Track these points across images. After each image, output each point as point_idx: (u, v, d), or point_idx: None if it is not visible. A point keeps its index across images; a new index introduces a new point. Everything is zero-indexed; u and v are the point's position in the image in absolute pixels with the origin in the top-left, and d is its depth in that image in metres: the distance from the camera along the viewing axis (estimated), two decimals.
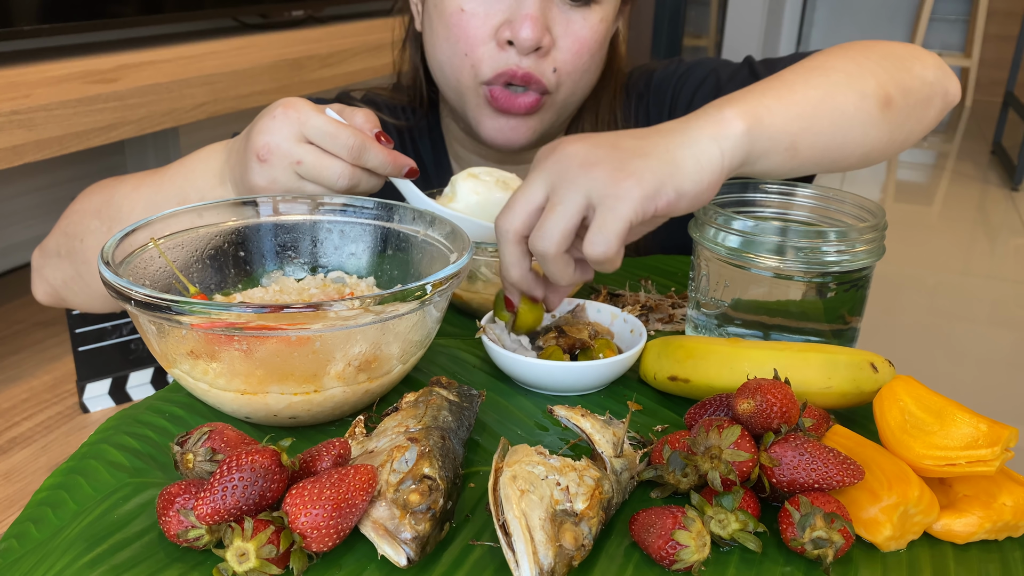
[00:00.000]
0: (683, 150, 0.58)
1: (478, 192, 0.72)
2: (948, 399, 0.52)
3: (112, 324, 1.08)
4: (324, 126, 0.66)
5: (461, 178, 0.73)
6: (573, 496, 0.45)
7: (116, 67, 1.19)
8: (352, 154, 0.66)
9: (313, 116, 0.66)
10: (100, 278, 0.54)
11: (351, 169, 0.67)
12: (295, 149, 0.66)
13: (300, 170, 0.67)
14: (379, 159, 0.68)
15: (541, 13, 0.80)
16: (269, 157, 0.66)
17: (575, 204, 0.56)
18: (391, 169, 0.68)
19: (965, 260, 2.88)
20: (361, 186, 0.69)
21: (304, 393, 0.54)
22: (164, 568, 0.44)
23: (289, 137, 0.66)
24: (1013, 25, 5.11)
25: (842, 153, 0.68)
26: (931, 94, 0.74)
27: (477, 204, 0.72)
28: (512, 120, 0.86)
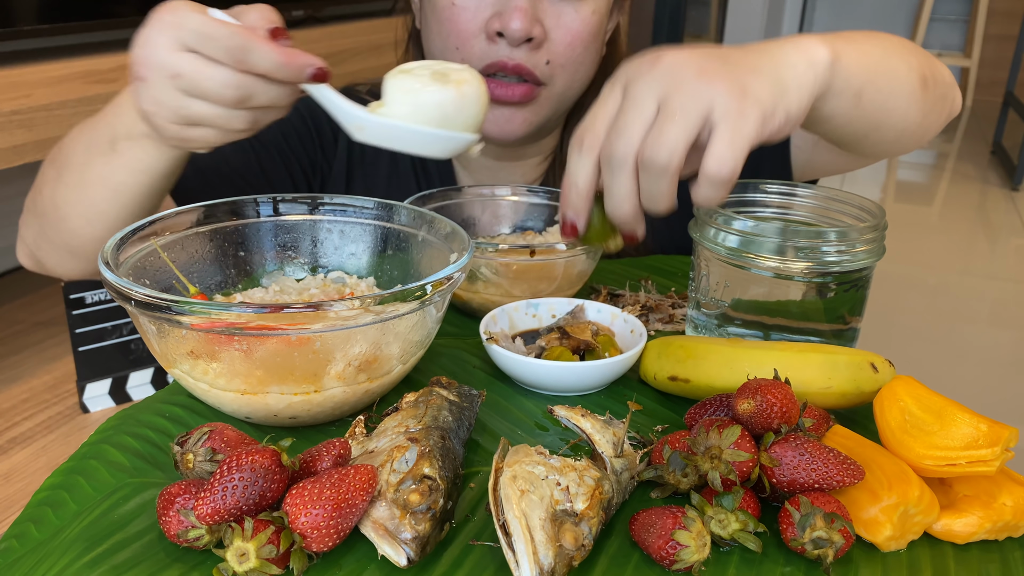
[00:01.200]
0: (787, 70, 0.57)
1: (412, 90, 0.59)
2: (948, 399, 0.52)
3: (112, 324, 1.08)
4: (202, 27, 0.56)
5: (391, 75, 0.61)
6: (573, 496, 0.45)
7: (116, 67, 1.19)
8: (234, 56, 0.56)
9: (190, 18, 0.56)
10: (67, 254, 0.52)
11: (238, 76, 0.57)
12: (171, 59, 0.57)
13: (179, 84, 0.57)
14: (269, 59, 0.57)
15: (531, 5, 0.80)
16: (145, 73, 0.58)
17: (698, 114, 0.52)
18: (287, 71, 0.57)
19: (965, 260, 2.88)
20: (257, 97, 0.58)
21: (304, 393, 0.54)
22: (164, 568, 0.44)
23: (164, 46, 0.57)
24: (1013, 25, 5.11)
25: (888, 119, 0.69)
26: (949, 94, 0.75)
27: (411, 107, 0.60)
28: (506, 110, 0.85)
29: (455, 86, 0.59)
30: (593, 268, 0.78)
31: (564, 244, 0.69)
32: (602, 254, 0.78)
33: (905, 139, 0.73)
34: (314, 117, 0.95)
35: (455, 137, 0.60)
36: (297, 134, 0.94)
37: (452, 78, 0.60)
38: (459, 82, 0.60)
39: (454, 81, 0.60)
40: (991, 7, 5.26)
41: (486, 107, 0.62)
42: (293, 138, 0.93)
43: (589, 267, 0.77)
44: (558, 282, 0.74)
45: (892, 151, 0.75)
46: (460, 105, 0.60)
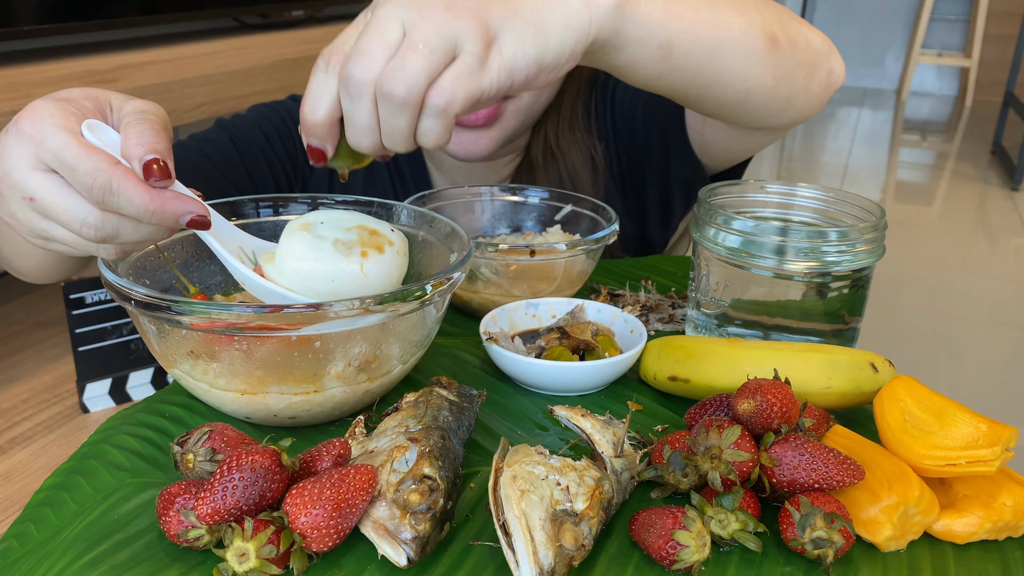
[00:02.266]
0: (555, 10, 0.53)
1: (304, 257, 0.53)
2: (948, 399, 0.52)
3: (112, 324, 1.08)
4: (63, 153, 0.48)
5: (291, 229, 0.54)
6: (573, 496, 0.45)
7: (116, 67, 1.19)
8: (94, 197, 0.48)
9: (52, 136, 0.49)
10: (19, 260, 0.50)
11: (99, 216, 0.49)
12: (27, 180, 0.50)
13: (35, 208, 0.50)
14: (135, 204, 0.48)
15: None
16: (2, 188, 0.51)
17: (443, 50, 0.49)
18: (156, 218, 0.49)
19: (965, 260, 2.88)
20: (124, 236, 0.51)
21: (304, 393, 0.54)
22: (164, 568, 0.44)
23: (22, 162, 0.50)
24: (1013, 25, 5.11)
25: (719, 77, 0.65)
26: (816, 60, 0.70)
27: (299, 276, 0.53)
28: (472, 133, 0.85)
29: (358, 265, 0.53)
30: (593, 268, 0.78)
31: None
32: (601, 254, 0.78)
33: (756, 97, 0.68)
34: (293, 119, 0.96)
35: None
36: (279, 136, 0.94)
37: (358, 250, 0.53)
38: (365, 256, 0.53)
39: (359, 255, 0.53)
40: (991, 7, 5.26)
41: (402, 275, 0.56)
42: (276, 140, 0.94)
43: (589, 267, 0.77)
44: (558, 282, 0.74)
45: (743, 107, 0.69)
46: (360, 284, 0.53)
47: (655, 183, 0.97)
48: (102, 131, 0.52)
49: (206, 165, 0.87)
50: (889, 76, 5.99)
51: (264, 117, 0.95)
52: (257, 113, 0.96)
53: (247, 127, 0.93)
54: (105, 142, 0.51)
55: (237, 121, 0.94)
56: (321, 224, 0.54)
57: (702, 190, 0.69)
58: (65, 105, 0.51)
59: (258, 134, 0.93)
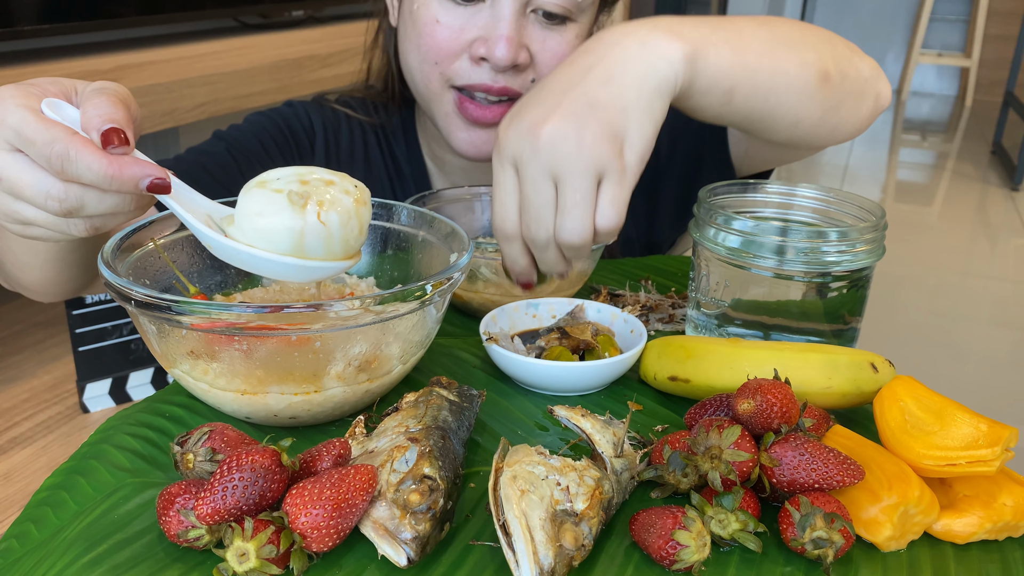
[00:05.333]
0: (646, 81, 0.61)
1: (261, 212, 0.51)
2: (948, 399, 0.52)
3: (112, 324, 1.08)
4: (20, 128, 0.49)
5: (247, 188, 0.53)
6: (573, 496, 0.45)
7: (116, 67, 1.19)
8: (53, 166, 0.49)
9: (12, 114, 0.50)
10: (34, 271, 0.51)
11: (62, 187, 0.50)
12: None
13: (3, 188, 0.51)
14: (93, 171, 0.49)
15: (516, 32, 0.79)
16: None
17: (591, 187, 0.59)
18: (115, 184, 0.49)
19: (965, 260, 2.88)
20: (89, 207, 0.51)
21: (304, 393, 0.54)
22: (164, 568, 0.44)
23: None
24: (1013, 25, 5.11)
25: (772, 115, 0.69)
26: (865, 89, 0.74)
27: (257, 232, 0.52)
28: (485, 132, 0.84)
29: (314, 214, 0.51)
30: (593, 268, 0.78)
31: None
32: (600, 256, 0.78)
33: (803, 129, 0.72)
34: (289, 125, 0.95)
35: (315, 267, 0.53)
36: (275, 142, 0.94)
37: (313, 199, 0.51)
38: (322, 205, 0.52)
39: (316, 204, 0.51)
40: (991, 7, 5.26)
41: (365, 224, 0.55)
42: (271, 146, 0.93)
43: (589, 267, 0.77)
44: (558, 282, 0.74)
45: (791, 139, 0.74)
46: (319, 234, 0.52)
47: (673, 189, 0.98)
48: (61, 108, 0.52)
49: (204, 177, 0.86)
50: (889, 76, 5.98)
51: (260, 126, 0.95)
52: (253, 123, 0.95)
53: (244, 137, 0.93)
54: (65, 118, 0.51)
55: (233, 132, 0.94)
56: (277, 180, 0.53)
57: (702, 190, 0.69)
58: (27, 87, 0.52)
59: (255, 143, 0.92)
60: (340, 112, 0.99)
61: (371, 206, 0.56)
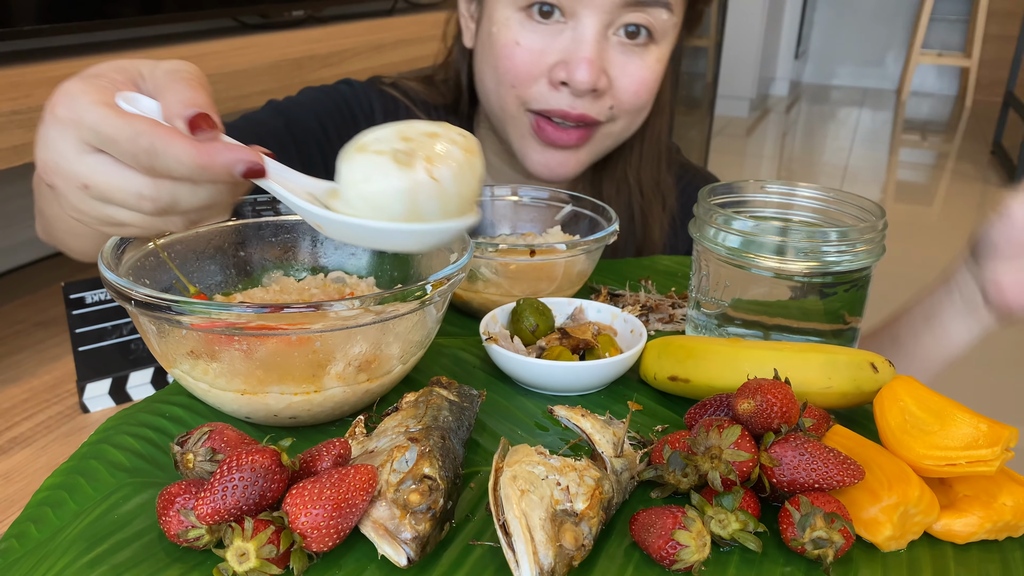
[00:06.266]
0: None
1: (368, 177, 0.47)
2: (948, 399, 0.52)
3: (112, 324, 1.08)
4: (101, 126, 0.45)
5: (345, 154, 0.49)
6: (573, 496, 0.45)
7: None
8: (141, 163, 0.45)
9: (88, 112, 0.46)
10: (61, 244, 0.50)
11: (152, 184, 0.46)
12: (76, 167, 0.47)
13: (92, 195, 0.48)
14: (183, 162, 0.45)
15: (598, 56, 0.78)
16: (53, 181, 0.49)
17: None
18: (208, 174, 0.46)
19: None
20: (184, 202, 0.47)
21: (304, 393, 0.54)
22: (164, 568, 0.44)
23: (68, 150, 0.47)
24: (1013, 25, 5.11)
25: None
26: None
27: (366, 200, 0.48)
28: (560, 154, 0.84)
29: (424, 170, 0.47)
30: (593, 268, 0.78)
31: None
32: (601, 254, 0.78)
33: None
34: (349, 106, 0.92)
35: (433, 230, 0.49)
36: (333, 122, 0.90)
37: (420, 155, 0.47)
38: (431, 160, 0.47)
39: (423, 160, 0.47)
40: (991, 7, 5.26)
41: (480, 176, 0.50)
42: (331, 129, 0.90)
43: (589, 267, 0.77)
44: (558, 282, 0.74)
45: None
46: (433, 192, 0.47)
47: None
48: (138, 101, 0.48)
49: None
50: (889, 76, 5.99)
51: (320, 103, 0.91)
52: (312, 99, 0.91)
53: (303, 113, 0.89)
54: (143, 111, 0.47)
55: (292, 106, 0.90)
56: (376, 140, 0.48)
57: (702, 190, 0.69)
58: (95, 81, 0.49)
59: (314, 121, 0.88)
60: (400, 102, 0.96)
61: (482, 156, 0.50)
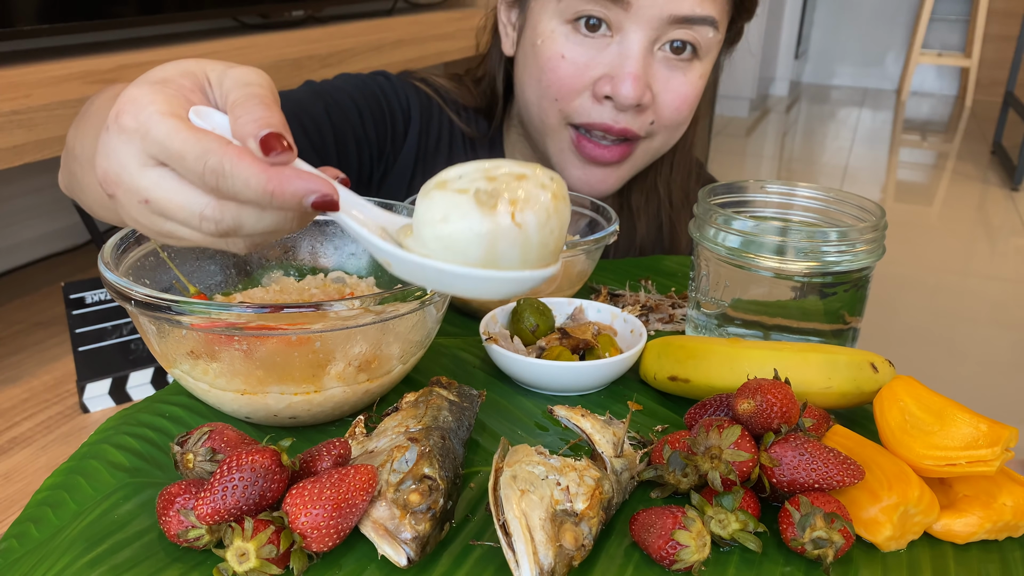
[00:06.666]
0: None
1: (446, 218, 0.42)
2: (948, 399, 0.52)
3: (112, 324, 1.08)
4: (167, 141, 0.42)
5: (425, 191, 0.44)
6: (573, 496, 0.45)
7: (116, 67, 1.19)
8: (207, 183, 0.42)
9: (155, 125, 0.43)
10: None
11: (216, 206, 0.43)
12: (139, 180, 0.44)
13: (152, 208, 0.45)
14: (251, 187, 0.42)
15: (643, 71, 0.78)
16: (114, 191, 0.46)
17: None
18: (276, 201, 0.42)
19: (965, 260, 2.88)
20: (248, 227, 0.44)
21: (304, 393, 0.54)
22: (164, 568, 0.44)
23: (130, 161, 0.44)
24: (1013, 25, 5.11)
25: None
26: None
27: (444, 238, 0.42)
28: (600, 171, 0.84)
29: (507, 214, 0.42)
30: (593, 268, 0.78)
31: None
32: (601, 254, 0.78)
33: None
34: (388, 100, 0.90)
35: (511, 278, 0.43)
36: (371, 113, 0.89)
37: (505, 198, 0.42)
38: (515, 204, 0.42)
39: (508, 203, 0.42)
40: (991, 7, 5.26)
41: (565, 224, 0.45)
42: (368, 118, 0.88)
43: (589, 267, 0.77)
44: (558, 282, 0.74)
45: None
46: (514, 238, 0.42)
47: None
48: (210, 116, 0.45)
49: (299, 136, 0.78)
50: (889, 76, 5.99)
51: (358, 90, 0.88)
52: (352, 85, 0.88)
53: (342, 98, 0.86)
54: (214, 126, 0.45)
55: (331, 90, 0.86)
56: (459, 178, 0.43)
57: (702, 190, 0.69)
58: (163, 88, 0.45)
59: (353, 109, 0.86)
60: (434, 100, 0.95)
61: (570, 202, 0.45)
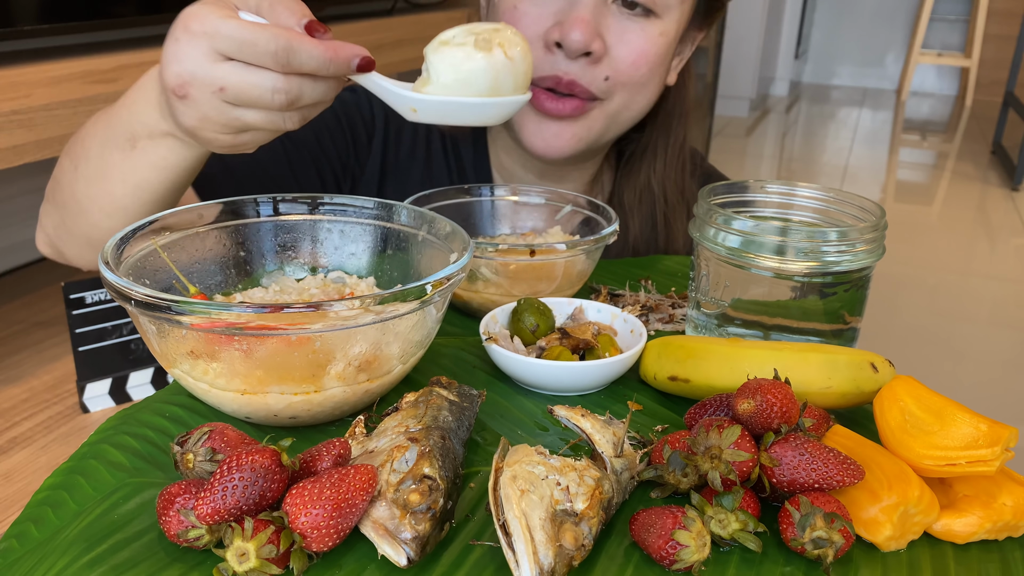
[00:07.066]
0: None
1: (457, 63, 0.58)
2: (948, 399, 0.52)
3: (112, 324, 1.08)
4: (238, 33, 0.54)
5: (432, 49, 0.60)
6: (573, 496, 0.45)
7: (116, 67, 1.19)
8: (279, 60, 0.54)
9: (222, 25, 0.54)
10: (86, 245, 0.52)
11: (284, 79, 0.55)
12: (212, 73, 0.55)
13: (226, 97, 0.56)
14: (315, 57, 0.55)
15: (593, 17, 0.78)
16: (187, 91, 0.56)
17: None
18: (334, 66, 0.56)
19: (965, 260, 2.88)
20: (305, 96, 0.57)
21: (304, 393, 0.54)
22: (164, 568, 0.44)
23: (201, 59, 0.55)
24: (1013, 25, 5.11)
25: None
26: None
27: (459, 79, 0.59)
28: (554, 125, 0.83)
29: (501, 51, 0.59)
30: (593, 268, 0.78)
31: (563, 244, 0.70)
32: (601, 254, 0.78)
33: None
34: (348, 116, 0.92)
35: (508, 102, 0.61)
36: (330, 133, 0.90)
37: (495, 42, 0.59)
38: (503, 45, 0.59)
39: (498, 45, 0.59)
40: (991, 7, 5.26)
41: (531, 62, 0.63)
42: (325, 138, 0.90)
43: (589, 267, 0.77)
44: (558, 282, 0.74)
45: None
46: (508, 68, 0.59)
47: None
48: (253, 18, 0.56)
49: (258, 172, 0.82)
50: (889, 76, 5.99)
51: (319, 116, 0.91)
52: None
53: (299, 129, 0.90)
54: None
55: None
56: (454, 37, 0.59)
57: (702, 190, 0.69)
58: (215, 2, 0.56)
59: (307, 132, 0.88)
60: None
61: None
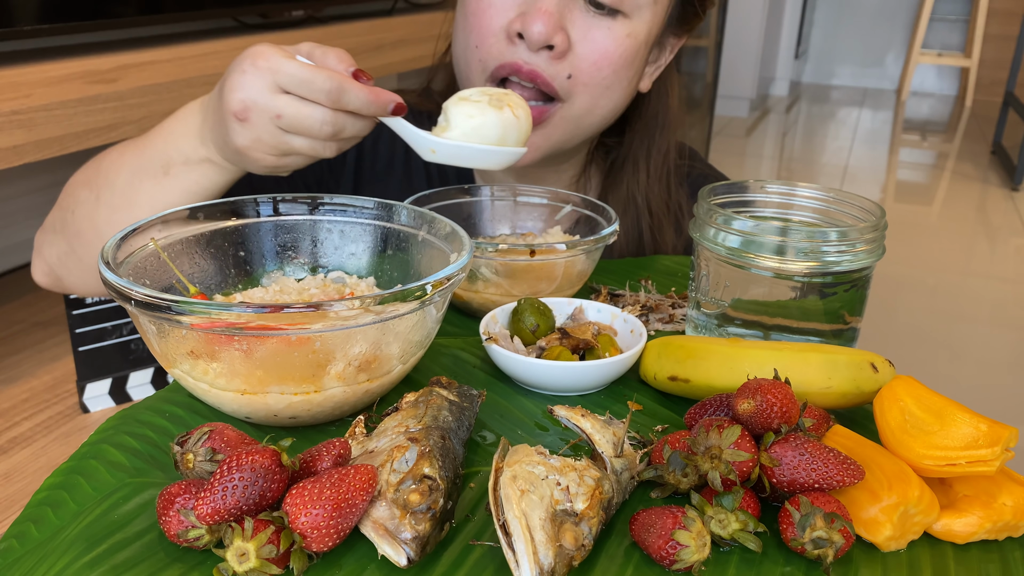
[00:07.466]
0: None
1: (472, 115, 0.68)
2: (948, 399, 0.52)
3: (112, 324, 1.08)
4: (299, 73, 0.63)
5: (452, 103, 0.70)
6: (573, 496, 0.45)
7: (116, 67, 1.19)
8: (331, 98, 0.64)
9: (285, 64, 0.64)
10: (98, 272, 0.54)
11: (333, 114, 0.65)
12: (272, 102, 0.64)
13: (281, 124, 0.65)
14: (360, 99, 0.65)
15: (557, 10, 0.78)
16: (248, 115, 0.65)
17: None
18: (375, 108, 0.65)
19: (965, 260, 2.88)
20: (347, 131, 0.66)
21: (304, 393, 0.54)
22: (164, 568, 0.44)
23: (264, 90, 0.64)
24: (1013, 25, 5.11)
25: None
26: None
27: (473, 128, 0.68)
28: None
29: (510, 110, 0.69)
30: (593, 268, 0.78)
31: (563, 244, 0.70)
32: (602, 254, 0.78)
33: None
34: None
35: (511, 152, 0.70)
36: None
37: (505, 102, 0.70)
38: (511, 106, 0.69)
39: (508, 105, 0.69)
40: (991, 7, 5.26)
41: (531, 125, 0.73)
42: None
43: (589, 267, 0.77)
44: (558, 282, 0.74)
45: None
46: (514, 125, 0.69)
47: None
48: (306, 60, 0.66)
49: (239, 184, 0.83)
50: (889, 76, 5.99)
51: None
52: None
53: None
54: None
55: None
56: (471, 95, 0.70)
57: (702, 190, 0.69)
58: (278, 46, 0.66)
59: None
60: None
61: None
